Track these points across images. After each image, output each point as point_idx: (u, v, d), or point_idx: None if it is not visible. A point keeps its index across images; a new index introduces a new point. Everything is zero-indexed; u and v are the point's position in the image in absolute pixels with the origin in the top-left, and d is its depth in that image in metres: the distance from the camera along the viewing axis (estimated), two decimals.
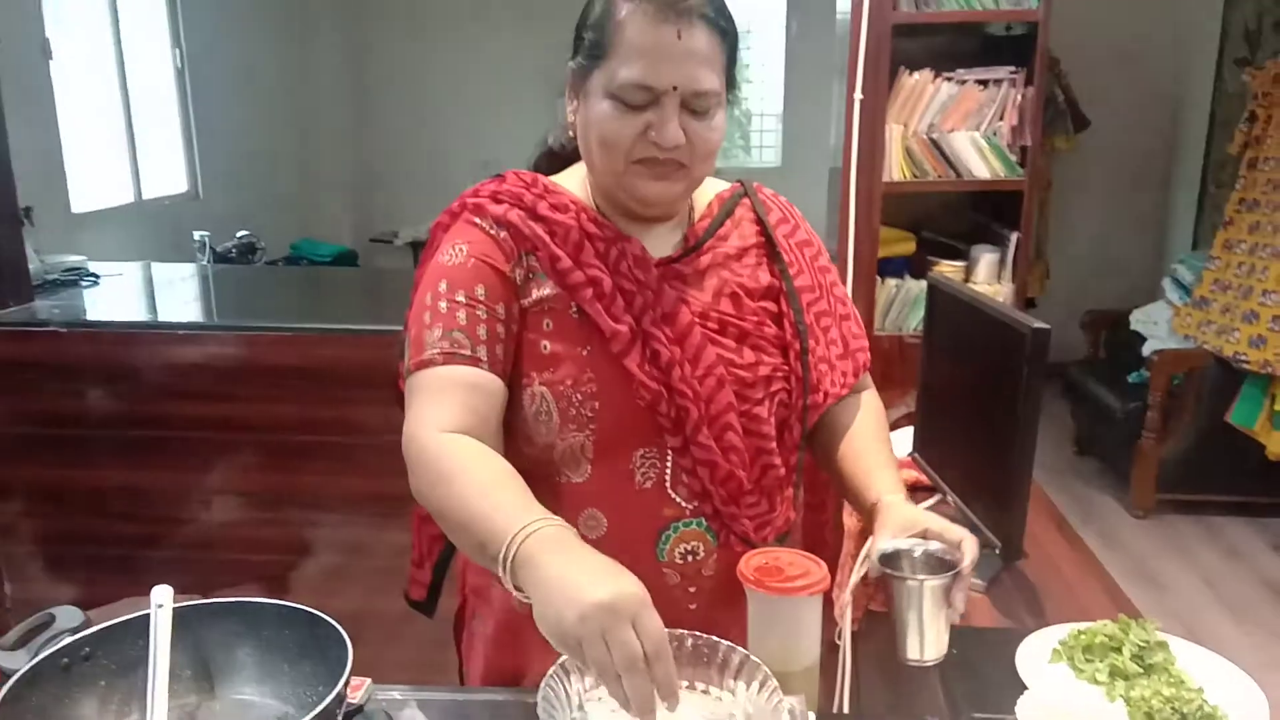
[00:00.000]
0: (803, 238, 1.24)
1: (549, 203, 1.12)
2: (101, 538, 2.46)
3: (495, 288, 1.08)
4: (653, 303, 1.10)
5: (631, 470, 1.11)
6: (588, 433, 1.09)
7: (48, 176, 3.87)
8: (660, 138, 1.04)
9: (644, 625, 0.81)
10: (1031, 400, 1.47)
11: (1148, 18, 5.03)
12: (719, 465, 1.10)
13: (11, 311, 2.45)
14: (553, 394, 1.09)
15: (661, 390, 1.08)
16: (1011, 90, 2.58)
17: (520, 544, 0.87)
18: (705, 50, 1.03)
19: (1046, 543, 1.78)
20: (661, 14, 1.02)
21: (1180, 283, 4.12)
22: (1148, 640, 1.26)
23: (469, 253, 1.10)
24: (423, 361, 1.05)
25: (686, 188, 1.11)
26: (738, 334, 1.14)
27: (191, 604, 0.99)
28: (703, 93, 1.04)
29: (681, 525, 1.12)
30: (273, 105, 5.69)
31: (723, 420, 1.10)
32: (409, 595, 1.32)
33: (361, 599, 2.31)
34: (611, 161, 1.07)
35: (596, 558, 0.87)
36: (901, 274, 2.75)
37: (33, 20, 3.82)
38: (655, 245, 1.15)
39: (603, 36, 1.05)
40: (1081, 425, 4.52)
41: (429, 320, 1.07)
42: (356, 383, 2.27)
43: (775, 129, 6.32)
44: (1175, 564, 3.55)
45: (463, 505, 0.96)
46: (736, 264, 1.17)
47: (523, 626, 1.14)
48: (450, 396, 1.03)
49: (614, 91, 1.04)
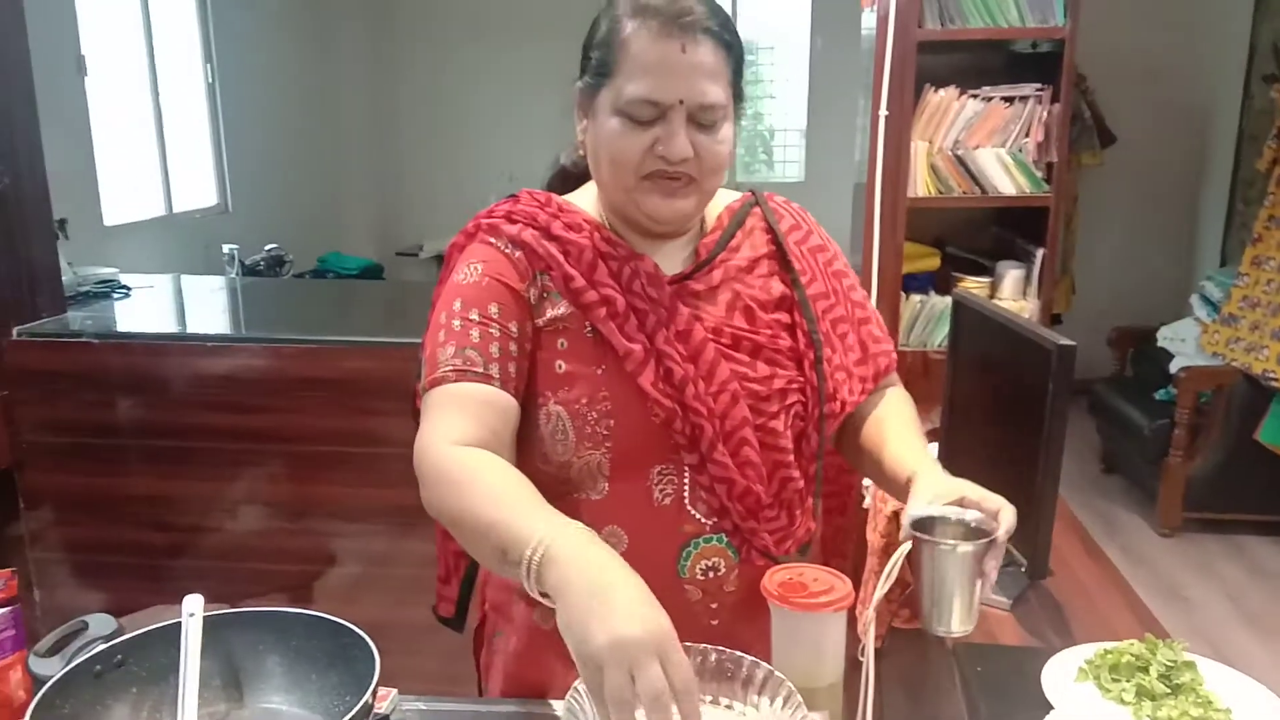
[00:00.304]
0: (816, 243, 1.24)
1: (563, 222, 1.13)
2: (130, 547, 2.49)
3: (509, 306, 1.09)
4: (666, 320, 1.10)
5: (649, 487, 1.11)
6: (604, 450, 1.10)
7: (81, 190, 3.94)
8: (668, 151, 1.04)
9: (673, 662, 0.80)
10: (1057, 417, 1.47)
11: (1175, 34, 5.00)
12: (736, 481, 1.10)
13: (45, 322, 2.49)
14: (568, 413, 1.10)
15: (676, 408, 1.08)
16: (1037, 107, 2.58)
17: (545, 548, 0.87)
18: (710, 64, 1.04)
19: (1072, 561, 1.77)
20: (665, 29, 1.03)
21: (1208, 300, 4.09)
22: (1175, 660, 1.25)
23: (483, 271, 1.11)
24: (436, 379, 1.06)
25: (697, 202, 1.11)
26: (751, 348, 1.14)
27: (222, 613, 1.00)
28: (709, 105, 1.05)
29: (702, 541, 1.12)
30: (301, 121, 5.77)
31: (738, 436, 1.10)
32: (437, 611, 1.33)
33: (384, 609, 2.32)
34: (621, 178, 1.08)
35: (628, 577, 0.85)
36: (926, 290, 2.75)
37: (69, 37, 3.90)
38: (668, 261, 1.15)
39: (608, 55, 1.06)
40: (1108, 442, 4.48)
41: (443, 339, 1.08)
42: (381, 394, 2.29)
43: (799, 144, 6.33)
44: (1202, 582, 3.51)
45: (480, 513, 0.95)
46: (748, 276, 1.17)
47: (546, 643, 1.15)
48: (462, 412, 1.04)
49: (621, 108, 1.05)
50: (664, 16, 1.03)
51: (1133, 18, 4.88)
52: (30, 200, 2.45)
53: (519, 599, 1.19)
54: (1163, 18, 4.99)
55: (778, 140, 6.56)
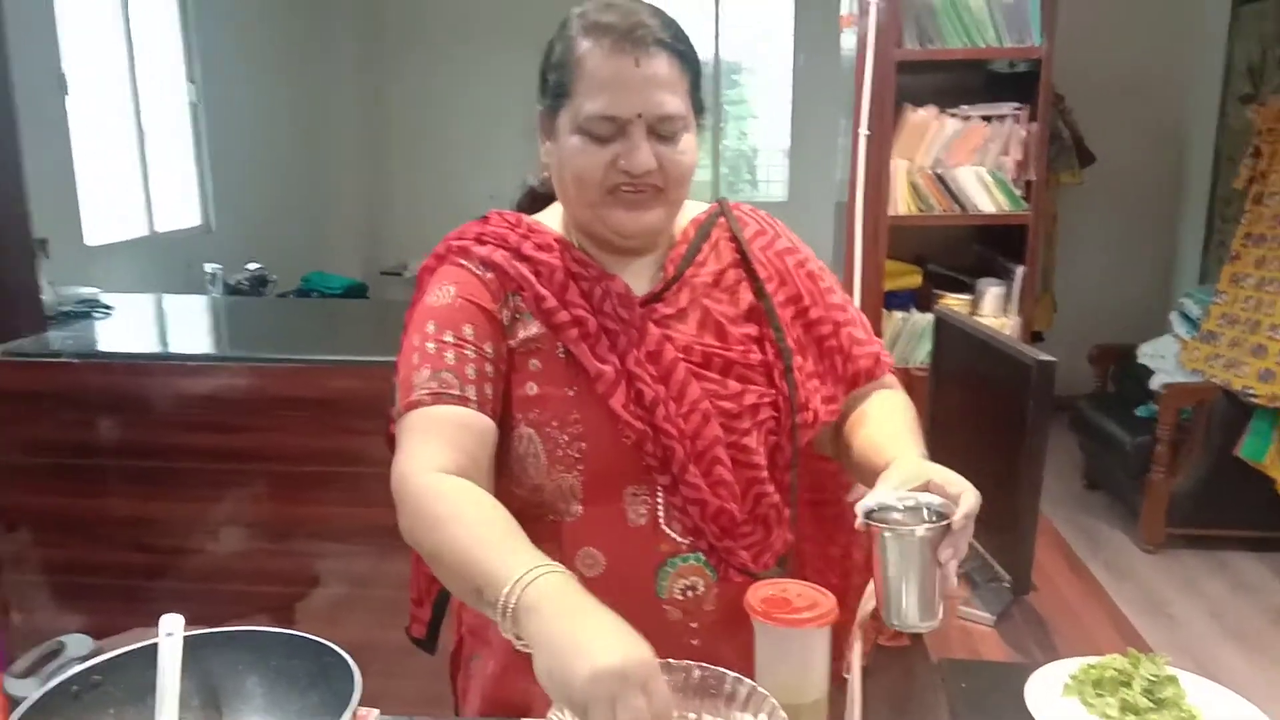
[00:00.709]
0: (784, 246, 1.22)
1: (533, 242, 1.13)
2: (109, 568, 2.47)
3: (483, 327, 1.09)
4: (637, 341, 1.10)
5: (623, 508, 1.11)
6: (576, 473, 1.09)
7: (62, 209, 3.92)
8: (630, 165, 1.05)
9: (654, 692, 0.80)
10: (1038, 433, 1.48)
11: (1152, 54, 5.07)
12: (709, 502, 1.09)
13: (25, 342, 2.48)
14: (539, 435, 1.09)
15: (647, 430, 1.08)
16: (1016, 126, 2.60)
17: (521, 591, 0.86)
18: (665, 75, 1.04)
19: (1056, 577, 1.77)
20: (618, 45, 1.03)
21: (1188, 317, 4.12)
22: (1158, 674, 1.25)
23: (456, 293, 1.10)
24: (411, 402, 1.05)
25: (664, 214, 1.11)
26: (722, 365, 1.13)
27: (200, 633, 0.99)
28: (667, 116, 1.05)
29: (679, 561, 1.11)
30: (285, 140, 5.76)
31: (710, 455, 1.10)
32: (410, 632, 1.31)
33: (366, 630, 2.29)
34: (586, 195, 1.08)
35: (604, 616, 0.85)
36: (908, 307, 2.76)
37: (50, 54, 3.88)
38: (638, 279, 1.15)
39: (564, 75, 1.06)
40: (1090, 459, 4.50)
41: (417, 361, 1.07)
42: (364, 413, 2.28)
43: (783, 164, 6.37)
44: (1185, 598, 3.52)
45: (457, 550, 0.94)
46: (715, 290, 1.16)
47: (525, 666, 1.14)
48: (439, 436, 1.03)
49: (581, 125, 1.05)
50: (616, 33, 1.03)
51: (1109, 38, 4.94)
52: (10, 219, 2.44)
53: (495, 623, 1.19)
54: (1139, 39, 5.06)
55: (761, 159, 6.59)
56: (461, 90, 6.18)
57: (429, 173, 6.36)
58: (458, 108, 6.21)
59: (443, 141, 6.33)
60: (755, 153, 6.62)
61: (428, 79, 6.26)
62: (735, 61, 6.37)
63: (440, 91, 6.26)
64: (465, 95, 6.17)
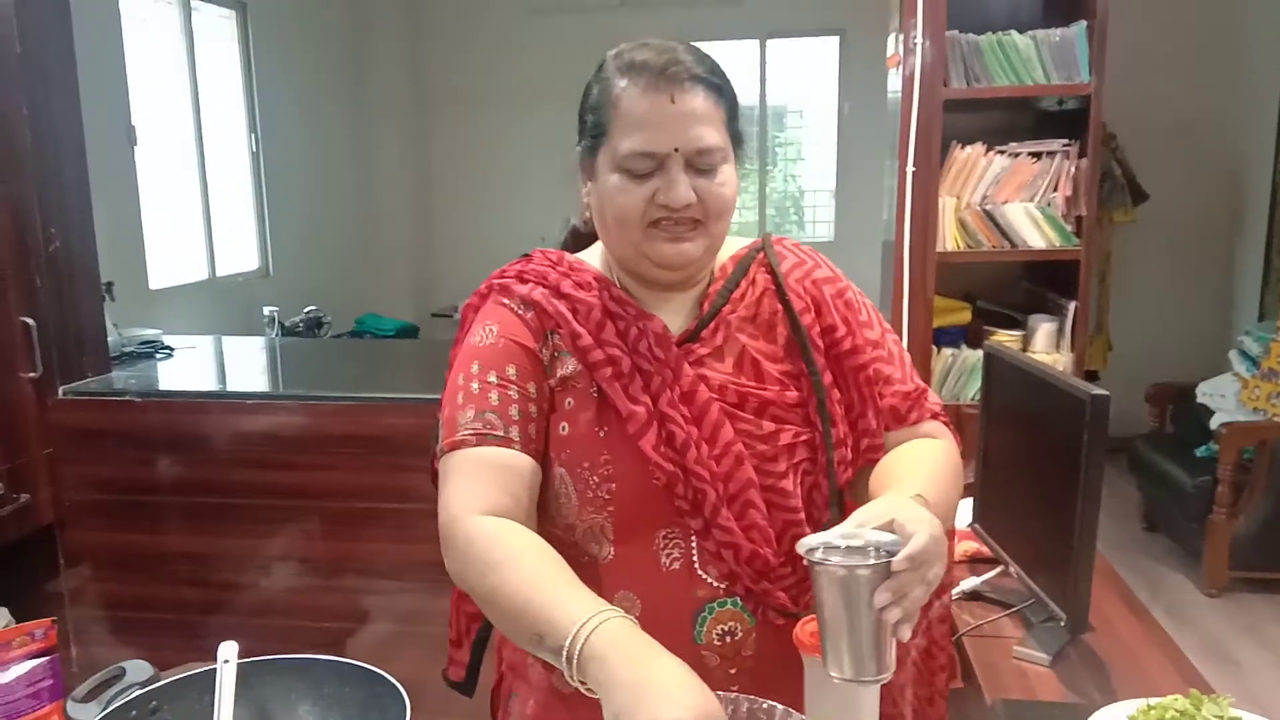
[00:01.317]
0: (824, 275, 1.19)
1: (573, 280, 1.13)
2: (167, 603, 2.51)
3: (525, 367, 1.09)
4: (671, 382, 1.09)
5: (656, 552, 1.09)
6: (606, 514, 1.09)
7: (129, 255, 4.06)
8: (670, 199, 1.05)
9: None
10: (1093, 468, 1.45)
11: (1204, 91, 5.02)
12: (741, 546, 1.08)
13: (90, 382, 2.55)
14: (570, 475, 1.09)
15: (678, 472, 1.07)
16: (1065, 161, 2.59)
17: (586, 639, 0.86)
18: (702, 109, 1.05)
19: (1114, 617, 1.73)
20: (653, 83, 1.04)
21: (1247, 354, 4.03)
22: (1221, 715, 1.22)
23: (499, 333, 1.11)
24: (456, 443, 1.06)
25: (706, 247, 1.10)
26: (757, 405, 1.11)
27: (255, 660, 1.01)
28: (705, 149, 1.05)
29: (716, 606, 1.09)
30: (340, 187, 5.93)
31: (743, 499, 1.09)
32: (447, 676, 1.30)
33: (418, 666, 2.29)
34: (627, 232, 1.08)
35: (671, 663, 0.85)
36: (958, 344, 2.74)
37: (120, 109, 4.05)
38: (678, 316, 1.15)
39: (602, 115, 1.07)
40: (1149, 501, 4.40)
41: (461, 401, 1.08)
42: (415, 450, 2.30)
43: (829, 204, 6.39)
44: (1250, 643, 3.41)
45: (516, 596, 0.94)
46: (751, 326, 1.15)
47: (563, 706, 1.14)
48: (484, 478, 1.04)
49: (619, 164, 1.06)
50: (651, 70, 1.04)
51: (1160, 75, 4.91)
52: (79, 263, 2.52)
53: (535, 662, 1.18)
54: (1191, 74, 5.01)
55: (808, 200, 6.61)
56: (508, 136, 6.32)
57: (478, 217, 6.49)
58: (506, 155, 6.33)
59: (491, 186, 6.46)
60: (802, 194, 6.65)
61: (476, 126, 6.42)
62: (781, 105, 6.42)
63: (488, 139, 6.40)
64: (512, 141, 6.30)
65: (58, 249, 2.44)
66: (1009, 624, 1.71)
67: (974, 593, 1.81)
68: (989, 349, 1.88)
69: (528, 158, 6.25)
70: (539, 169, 6.20)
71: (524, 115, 6.19)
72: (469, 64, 6.38)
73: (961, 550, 1.98)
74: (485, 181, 6.45)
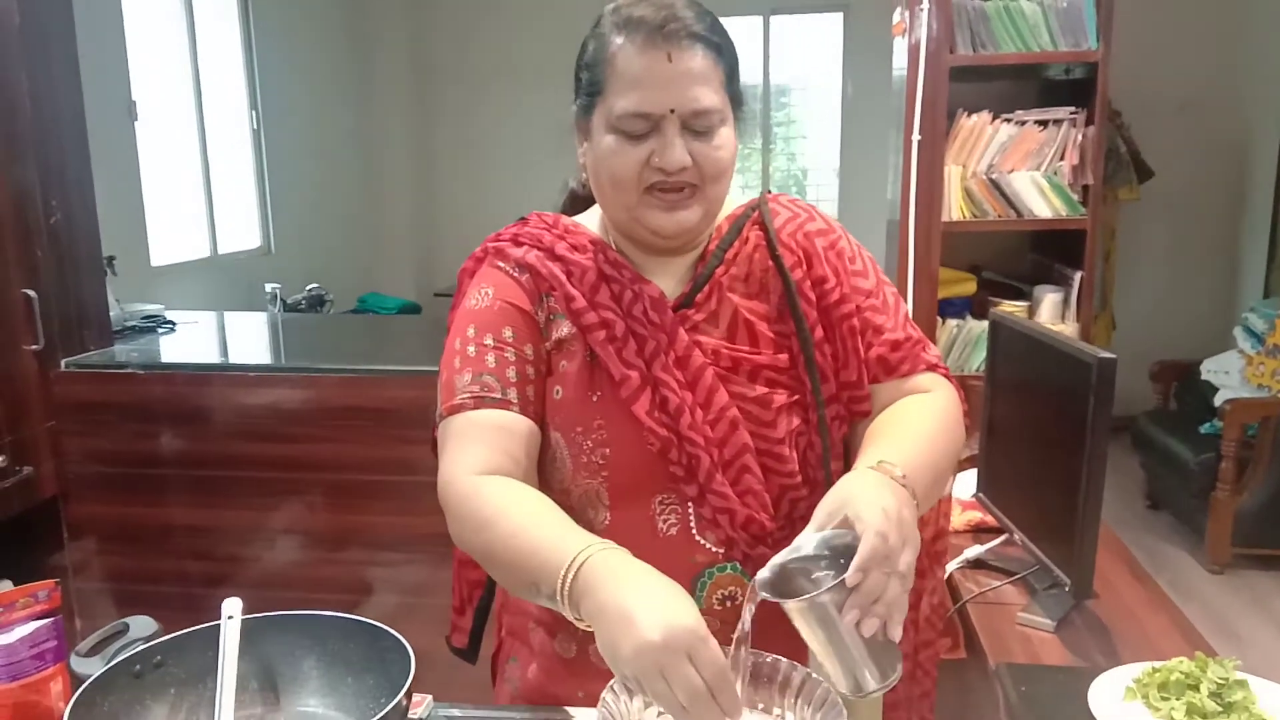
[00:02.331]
0: (817, 228, 1.16)
1: (568, 243, 1.12)
2: (170, 576, 2.51)
3: (522, 329, 1.09)
4: (665, 347, 1.07)
5: (652, 517, 1.08)
6: (600, 480, 1.08)
7: (130, 231, 4.05)
8: (664, 162, 1.02)
9: (700, 658, 0.79)
10: (1099, 432, 1.45)
11: (1209, 68, 4.99)
12: (737, 511, 1.06)
13: (92, 354, 2.54)
14: (565, 439, 1.08)
15: (671, 437, 1.05)
16: (1072, 130, 2.56)
17: (576, 574, 0.86)
18: (700, 69, 1.02)
19: (1118, 584, 1.73)
20: (650, 40, 1.01)
21: (1252, 331, 4.02)
22: (1227, 678, 1.22)
23: (494, 296, 1.10)
24: (454, 406, 1.05)
25: (703, 213, 1.07)
26: (750, 369, 1.09)
27: (260, 616, 1.01)
28: (702, 111, 1.02)
29: (716, 571, 1.08)
30: (342, 165, 5.91)
31: (739, 463, 1.07)
32: (451, 642, 1.31)
33: (425, 638, 2.30)
34: (623, 195, 1.06)
35: (651, 583, 0.84)
36: (963, 314, 2.73)
37: (121, 84, 4.03)
38: (674, 279, 1.13)
39: (597, 73, 1.05)
40: (1153, 478, 4.40)
41: (459, 365, 1.07)
42: (418, 422, 2.29)
43: (833, 183, 6.37)
44: (1255, 619, 3.41)
45: (508, 547, 0.94)
46: (744, 285, 1.13)
47: (565, 672, 1.14)
48: (482, 440, 1.03)
49: (614, 124, 1.03)
50: (648, 27, 1.01)
51: (1165, 51, 4.87)
52: (80, 235, 2.51)
53: (537, 626, 1.18)
54: (1196, 54, 4.98)
55: (811, 179, 6.59)
56: (510, 114, 6.29)
57: (480, 195, 6.46)
58: (508, 132, 6.31)
59: (494, 164, 6.43)
60: (805, 173, 6.62)
61: (478, 105, 6.39)
62: (784, 84, 6.39)
63: (490, 116, 6.37)
64: (514, 119, 6.28)
65: (58, 222, 2.44)
66: (1013, 591, 1.71)
67: (978, 561, 1.81)
68: (994, 316, 1.87)
69: (531, 135, 6.23)
70: (542, 147, 6.16)
71: (527, 92, 6.15)
72: (471, 40, 6.35)
73: (966, 520, 1.98)
74: (488, 159, 6.43)
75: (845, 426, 1.14)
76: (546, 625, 1.16)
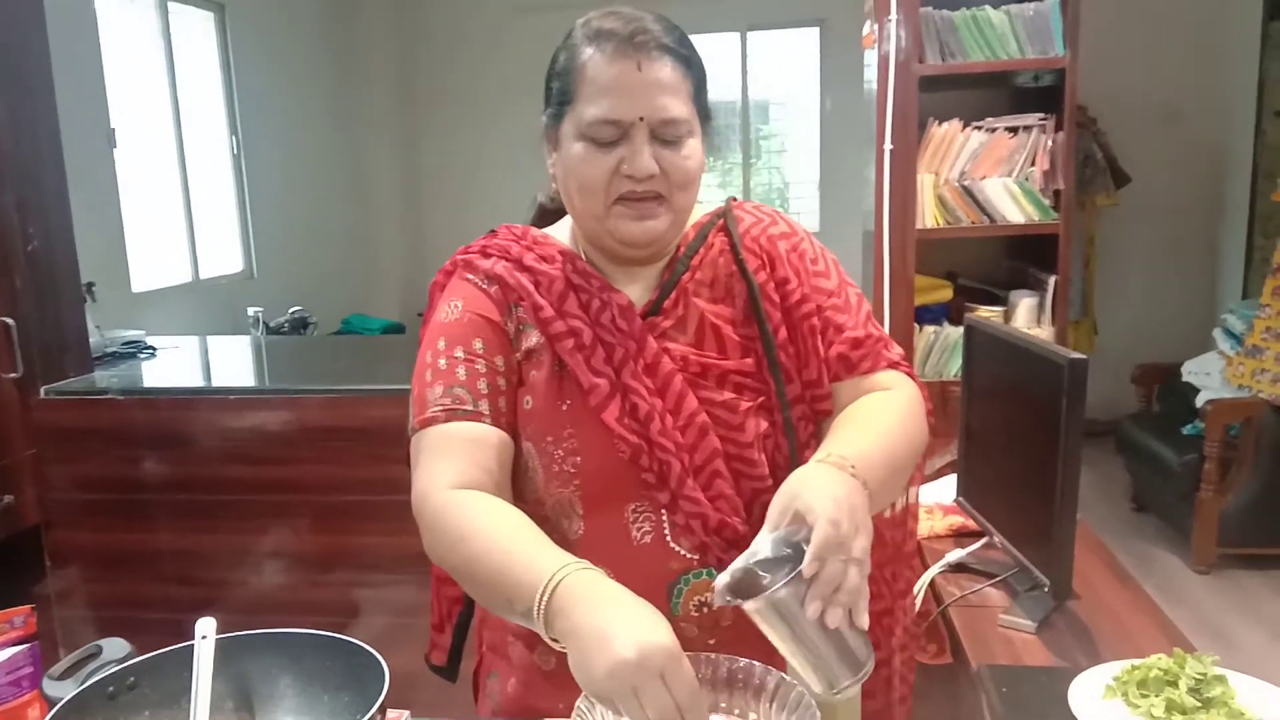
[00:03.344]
0: (780, 231, 1.17)
1: (536, 254, 1.12)
2: (154, 602, 2.50)
3: (492, 341, 1.09)
4: (634, 354, 1.08)
5: (626, 525, 1.08)
6: (572, 488, 1.08)
7: (110, 257, 4.04)
8: (633, 169, 1.03)
9: (673, 678, 0.80)
10: (1073, 433, 1.46)
11: (1183, 73, 5.03)
12: (709, 516, 1.07)
13: (72, 381, 2.54)
14: (536, 449, 1.09)
15: (642, 444, 1.06)
16: (1042, 136, 2.59)
17: (550, 595, 0.86)
18: (668, 79, 1.03)
19: (1099, 585, 1.74)
20: (620, 50, 1.03)
21: (1231, 332, 4.05)
22: (1205, 673, 1.22)
23: (464, 308, 1.11)
24: (426, 420, 1.05)
25: (671, 222, 1.09)
26: (719, 375, 1.10)
27: (234, 635, 1.01)
28: (670, 120, 1.03)
29: (692, 577, 1.08)
30: (325, 188, 5.91)
31: (710, 469, 1.08)
32: (430, 660, 1.30)
33: (413, 659, 2.29)
34: (591, 204, 1.07)
35: (624, 605, 0.85)
36: (940, 321, 2.74)
37: (99, 111, 4.03)
38: (643, 287, 1.14)
39: (567, 82, 1.06)
40: (1138, 481, 4.41)
41: (430, 378, 1.07)
42: (402, 441, 2.30)
43: (814, 195, 6.40)
44: (1241, 620, 3.42)
45: (483, 563, 0.95)
46: (709, 290, 1.14)
47: (545, 685, 1.14)
48: (456, 453, 1.03)
49: (584, 131, 1.04)
50: (618, 38, 1.03)
51: (1140, 57, 4.92)
52: (59, 262, 2.51)
53: (515, 640, 1.18)
54: (1169, 58, 5.02)
55: (792, 193, 6.63)
56: (494, 136, 6.30)
57: (460, 218, 6.45)
58: (486, 159, 6.30)
59: (472, 189, 6.43)
60: (786, 186, 6.66)
61: (463, 126, 6.40)
62: (764, 99, 6.43)
63: (475, 138, 6.38)
64: (493, 146, 6.27)
65: (36, 249, 2.43)
66: (995, 594, 1.71)
67: (960, 565, 1.82)
68: (969, 322, 1.89)
69: (516, 157, 6.19)
70: (528, 169, 6.13)
71: (511, 114, 6.12)
72: (456, 63, 6.36)
73: (947, 524, 1.99)
74: (472, 180, 6.43)
75: (812, 426, 1.15)
76: (525, 639, 1.16)
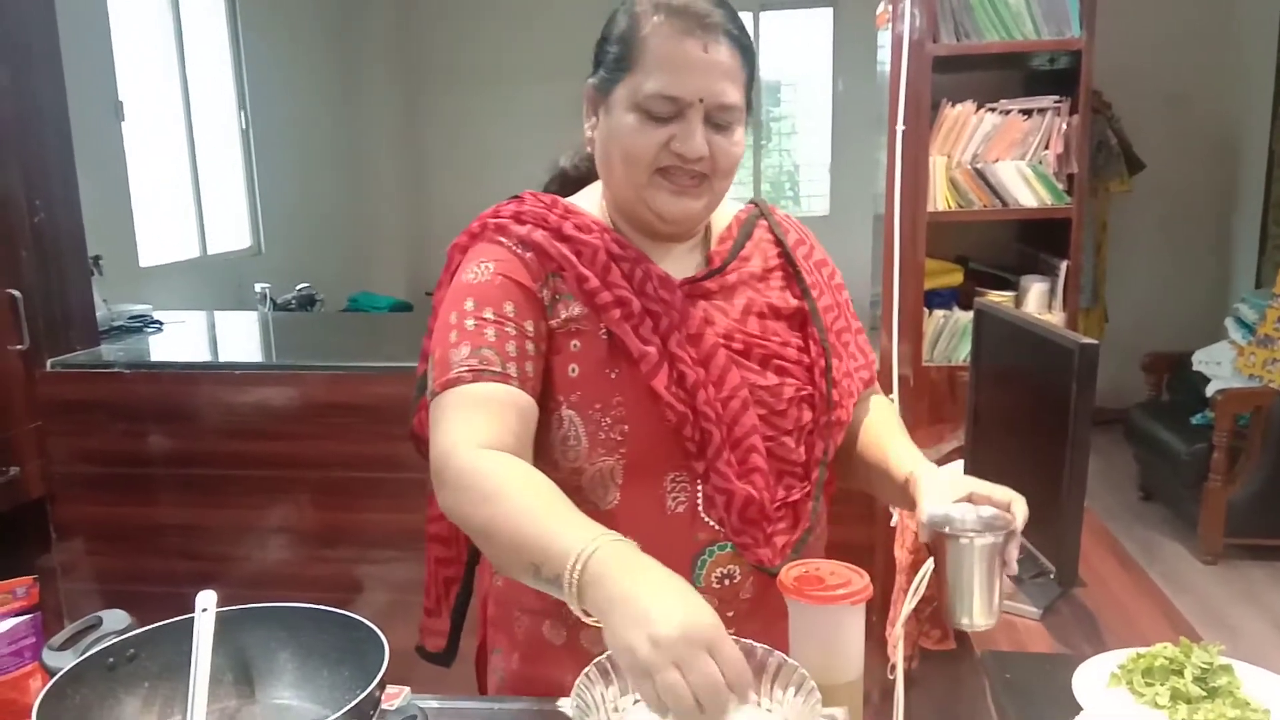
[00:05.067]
0: (819, 257, 1.24)
1: (573, 223, 1.11)
2: (158, 575, 2.51)
3: (523, 306, 1.07)
4: (678, 324, 1.08)
5: (662, 495, 1.09)
6: (617, 456, 1.07)
7: (118, 231, 4.04)
8: (685, 149, 1.04)
9: (723, 655, 0.78)
10: (1082, 419, 1.44)
11: (1199, 60, 4.99)
12: (736, 492, 1.08)
13: (78, 354, 2.54)
14: (581, 417, 1.07)
15: (688, 412, 1.06)
16: (1056, 119, 2.56)
17: (584, 564, 0.84)
18: (729, 65, 1.04)
19: (1106, 573, 1.73)
20: (688, 28, 1.03)
21: (1243, 322, 4.02)
22: (1210, 663, 1.21)
23: (495, 270, 1.08)
24: (450, 380, 1.02)
25: (707, 204, 1.10)
26: (762, 356, 1.12)
27: (234, 609, 1.01)
28: (727, 106, 1.05)
29: (716, 549, 1.10)
30: (332, 165, 5.90)
31: (747, 443, 1.09)
32: (424, 647, 1.28)
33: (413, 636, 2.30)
34: (633, 175, 1.07)
35: (664, 579, 0.83)
36: (949, 305, 2.72)
37: (107, 83, 4.02)
38: (674, 266, 1.14)
39: (627, 49, 1.05)
40: (1145, 470, 4.40)
41: (455, 339, 1.04)
42: (407, 419, 2.30)
43: (824, 178, 6.38)
44: (1247, 610, 3.41)
45: (510, 527, 0.92)
46: (761, 284, 1.17)
47: (552, 659, 1.14)
48: (482, 413, 1.00)
49: (639, 103, 1.04)
50: (687, 16, 1.03)
51: (1156, 43, 4.88)
52: (65, 235, 2.51)
53: (522, 615, 1.17)
54: (1185, 45, 4.98)
55: (803, 174, 6.60)
56: (500, 113, 6.29)
57: (468, 196, 6.40)
58: (499, 131, 6.30)
59: (484, 164, 6.41)
60: (797, 168, 6.63)
61: (467, 103, 6.39)
62: (776, 80, 6.40)
63: (480, 115, 6.37)
64: (504, 118, 6.28)
65: (42, 221, 2.43)
66: None
67: None
68: (979, 306, 1.87)
69: (522, 133, 6.22)
70: (533, 145, 6.13)
71: (517, 90, 6.15)
72: (461, 39, 6.34)
73: None
74: (478, 157, 6.41)
75: (841, 432, 1.18)
76: (534, 613, 1.15)
